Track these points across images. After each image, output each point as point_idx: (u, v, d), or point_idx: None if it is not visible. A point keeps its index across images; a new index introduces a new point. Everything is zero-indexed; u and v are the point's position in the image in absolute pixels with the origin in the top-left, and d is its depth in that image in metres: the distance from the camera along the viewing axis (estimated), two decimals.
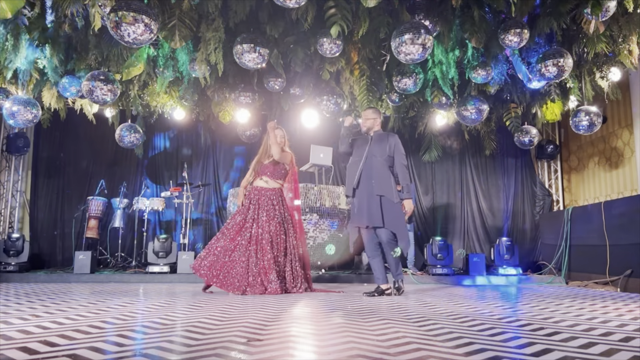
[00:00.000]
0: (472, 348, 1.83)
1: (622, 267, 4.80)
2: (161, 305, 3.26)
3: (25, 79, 5.10)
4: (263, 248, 4.24)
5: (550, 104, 6.02)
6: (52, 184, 7.55)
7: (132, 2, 3.78)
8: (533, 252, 7.51)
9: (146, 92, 6.00)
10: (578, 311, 3.09)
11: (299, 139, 7.21)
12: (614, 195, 6.74)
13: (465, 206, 7.94)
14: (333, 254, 6.21)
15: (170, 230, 7.40)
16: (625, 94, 6.23)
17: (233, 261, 4.22)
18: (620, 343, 1.99)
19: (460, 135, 7.49)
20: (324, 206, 6.15)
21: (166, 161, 7.93)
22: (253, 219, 4.34)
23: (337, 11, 4.16)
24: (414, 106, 6.54)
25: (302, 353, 1.76)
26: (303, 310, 3.08)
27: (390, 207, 4.07)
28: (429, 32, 4.21)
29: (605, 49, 4.78)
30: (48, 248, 7.33)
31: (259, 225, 4.31)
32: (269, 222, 4.33)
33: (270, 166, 4.50)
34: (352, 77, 5.52)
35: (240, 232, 4.31)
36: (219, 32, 4.47)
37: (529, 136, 6.59)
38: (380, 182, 4.09)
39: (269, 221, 4.33)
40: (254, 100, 6.06)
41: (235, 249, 4.26)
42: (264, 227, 4.30)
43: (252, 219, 4.35)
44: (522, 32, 4.34)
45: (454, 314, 2.88)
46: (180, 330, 2.21)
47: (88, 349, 1.77)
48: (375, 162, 4.16)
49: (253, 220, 4.34)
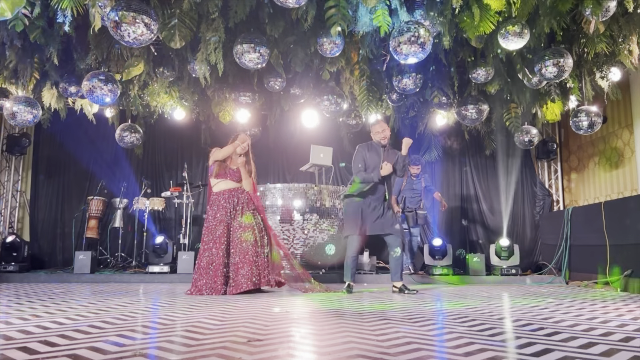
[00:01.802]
0: (472, 348, 1.83)
1: (622, 267, 4.80)
2: (161, 305, 3.26)
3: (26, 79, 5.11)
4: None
5: (550, 104, 6.02)
6: (52, 184, 7.55)
7: (132, 2, 3.78)
8: (533, 252, 7.51)
9: (146, 92, 6.00)
10: (578, 311, 3.09)
11: (299, 139, 7.22)
12: (614, 195, 6.73)
13: (465, 206, 7.94)
14: (333, 254, 6.21)
15: (171, 230, 7.40)
16: (625, 94, 6.23)
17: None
18: (620, 343, 1.99)
19: (460, 135, 7.49)
20: (324, 206, 6.15)
21: (166, 161, 7.93)
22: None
23: (337, 11, 4.16)
24: (414, 106, 6.54)
25: (302, 353, 1.76)
26: (303, 310, 3.07)
27: (389, 211, 4.49)
28: (427, 32, 4.21)
29: (606, 49, 4.78)
30: (48, 248, 7.33)
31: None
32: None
33: (238, 172, 4.51)
34: (352, 77, 5.52)
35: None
36: (219, 32, 4.47)
37: (529, 136, 6.59)
38: (387, 194, 4.51)
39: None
40: (254, 100, 6.06)
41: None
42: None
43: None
44: (522, 32, 4.34)
45: (454, 314, 2.88)
46: (180, 330, 2.21)
47: (88, 349, 1.77)
48: (384, 177, 4.49)
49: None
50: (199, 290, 4.14)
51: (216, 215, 4.33)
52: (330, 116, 6.36)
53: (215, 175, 4.43)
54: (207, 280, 4.16)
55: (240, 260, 4.19)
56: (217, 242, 4.23)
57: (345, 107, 5.95)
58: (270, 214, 6.09)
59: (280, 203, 6.12)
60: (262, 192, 6.22)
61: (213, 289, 4.12)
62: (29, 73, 5.02)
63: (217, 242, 4.24)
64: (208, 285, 4.15)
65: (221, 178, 4.43)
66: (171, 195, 6.88)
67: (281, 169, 8.01)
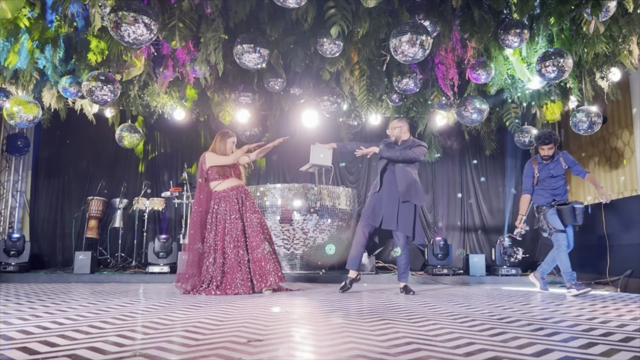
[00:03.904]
0: (472, 348, 1.83)
1: (622, 267, 4.80)
2: (161, 305, 3.26)
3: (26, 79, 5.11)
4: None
5: (550, 104, 6.02)
6: (52, 184, 7.55)
7: (132, 2, 3.78)
8: (533, 252, 7.51)
9: (146, 92, 6.00)
10: (578, 311, 3.09)
11: (298, 139, 7.21)
12: (614, 195, 6.73)
13: (465, 206, 7.94)
14: (333, 254, 6.21)
15: (171, 230, 7.40)
16: (625, 94, 6.23)
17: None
18: (620, 343, 1.99)
19: (460, 135, 7.49)
20: (324, 206, 6.15)
21: (166, 161, 7.93)
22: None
23: (337, 11, 4.16)
24: (414, 106, 6.54)
25: (302, 353, 1.76)
26: (303, 310, 3.07)
27: (406, 211, 4.30)
28: (428, 33, 4.21)
29: (606, 49, 4.78)
30: (48, 248, 7.33)
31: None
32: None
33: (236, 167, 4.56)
34: (352, 77, 5.52)
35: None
36: (219, 32, 4.47)
37: (529, 136, 6.59)
38: (406, 188, 4.30)
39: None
40: (254, 100, 6.06)
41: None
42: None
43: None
44: (522, 32, 4.35)
45: (454, 314, 2.88)
46: (180, 330, 2.21)
47: (88, 349, 1.77)
48: (398, 171, 4.36)
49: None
50: (224, 288, 4.14)
51: (225, 210, 4.35)
52: (330, 116, 6.36)
53: (218, 177, 4.43)
54: (236, 277, 4.19)
55: (261, 257, 4.24)
56: (238, 240, 4.27)
57: (345, 107, 5.96)
58: (270, 214, 6.09)
59: (280, 203, 6.13)
60: (262, 192, 6.22)
61: (244, 286, 4.15)
62: (29, 73, 5.02)
63: (238, 240, 4.27)
64: (238, 283, 4.16)
65: (224, 178, 4.45)
66: (171, 196, 6.88)
67: (281, 169, 8.01)
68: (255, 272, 4.22)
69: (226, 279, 4.17)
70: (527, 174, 4.93)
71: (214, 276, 4.17)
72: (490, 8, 4.39)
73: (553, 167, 4.78)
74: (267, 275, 4.20)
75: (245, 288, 4.13)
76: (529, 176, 4.91)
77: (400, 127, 4.52)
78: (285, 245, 6.15)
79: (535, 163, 4.88)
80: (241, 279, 4.16)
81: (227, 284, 4.15)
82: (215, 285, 4.13)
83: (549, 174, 4.78)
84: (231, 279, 4.16)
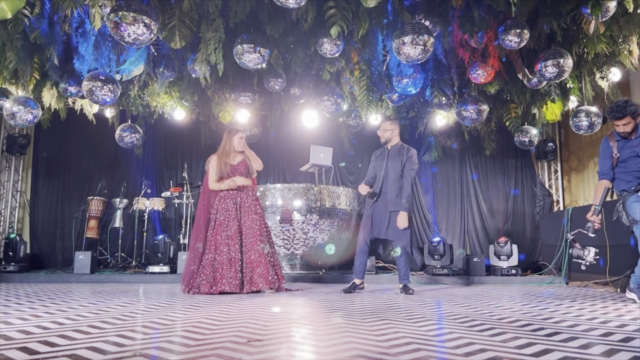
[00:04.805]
0: (472, 348, 1.83)
1: (622, 267, 4.80)
2: (161, 305, 3.26)
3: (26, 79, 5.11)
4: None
5: (550, 104, 6.02)
6: (52, 184, 7.55)
7: (132, 2, 3.78)
8: (533, 252, 7.51)
9: (146, 92, 6.00)
10: (578, 311, 3.09)
11: (298, 139, 7.21)
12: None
13: (465, 206, 7.93)
14: (333, 254, 6.21)
15: (171, 231, 7.40)
16: (625, 94, 6.23)
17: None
18: (620, 343, 1.99)
19: (460, 135, 7.49)
20: (324, 206, 6.15)
21: (166, 161, 7.93)
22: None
23: (337, 11, 4.16)
24: (414, 106, 6.54)
25: (302, 353, 1.76)
26: (303, 310, 3.07)
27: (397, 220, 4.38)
28: (429, 33, 4.21)
29: (606, 49, 4.78)
30: (48, 248, 7.33)
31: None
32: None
33: (243, 165, 4.54)
34: (352, 77, 5.52)
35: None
36: (219, 32, 4.47)
37: (529, 136, 6.59)
38: (394, 199, 4.35)
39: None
40: (254, 100, 6.06)
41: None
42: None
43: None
44: (522, 32, 4.35)
45: (454, 314, 2.88)
46: (180, 330, 2.21)
47: (88, 349, 1.77)
48: (389, 180, 4.42)
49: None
50: (210, 286, 4.14)
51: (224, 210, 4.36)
52: (330, 116, 6.36)
53: (221, 178, 4.44)
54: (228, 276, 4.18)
55: (254, 260, 4.25)
56: (232, 239, 4.27)
57: (345, 107, 5.96)
58: (270, 214, 6.09)
59: (280, 203, 6.12)
60: (262, 192, 6.22)
61: (231, 284, 4.14)
62: (29, 73, 5.02)
63: (232, 239, 4.27)
64: (228, 281, 4.16)
65: (227, 179, 4.46)
66: (171, 196, 6.88)
67: (281, 169, 8.01)
68: (247, 274, 4.22)
69: (215, 276, 4.17)
70: (604, 154, 3.87)
71: (206, 273, 4.19)
72: (491, 8, 4.39)
73: (638, 143, 3.68)
74: (258, 278, 4.19)
75: (232, 286, 4.12)
76: (606, 157, 3.85)
77: (392, 130, 4.54)
78: (285, 245, 6.15)
79: (612, 140, 3.82)
80: (229, 277, 4.15)
81: (215, 280, 4.16)
82: (207, 282, 4.14)
83: (633, 152, 3.69)
84: (220, 275, 4.16)
